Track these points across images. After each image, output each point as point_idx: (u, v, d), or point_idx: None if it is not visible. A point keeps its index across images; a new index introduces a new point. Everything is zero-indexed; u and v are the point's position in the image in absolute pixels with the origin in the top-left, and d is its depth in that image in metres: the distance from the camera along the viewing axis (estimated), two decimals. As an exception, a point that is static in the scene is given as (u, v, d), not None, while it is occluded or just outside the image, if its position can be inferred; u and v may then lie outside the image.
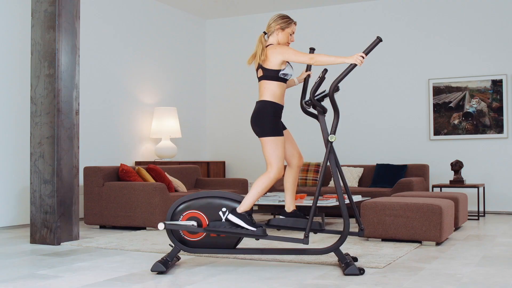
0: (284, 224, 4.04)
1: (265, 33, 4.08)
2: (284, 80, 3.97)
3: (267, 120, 3.90)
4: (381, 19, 8.36)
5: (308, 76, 4.22)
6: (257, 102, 3.99)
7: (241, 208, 3.86)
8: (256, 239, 3.89)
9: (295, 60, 3.87)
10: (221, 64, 9.44)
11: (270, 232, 5.66)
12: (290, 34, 4.06)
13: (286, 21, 4.04)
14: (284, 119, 4.23)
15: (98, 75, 7.41)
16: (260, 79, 3.98)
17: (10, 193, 6.34)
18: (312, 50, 4.23)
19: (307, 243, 3.77)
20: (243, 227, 3.82)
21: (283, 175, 4.06)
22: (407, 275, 3.61)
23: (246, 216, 3.84)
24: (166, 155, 7.97)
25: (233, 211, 3.86)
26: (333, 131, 3.83)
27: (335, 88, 3.82)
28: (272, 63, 3.92)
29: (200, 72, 9.43)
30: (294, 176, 4.10)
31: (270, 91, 3.93)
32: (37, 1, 5.12)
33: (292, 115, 7.44)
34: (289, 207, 4.11)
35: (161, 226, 3.79)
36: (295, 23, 4.08)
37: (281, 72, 3.92)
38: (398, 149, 8.19)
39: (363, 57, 3.73)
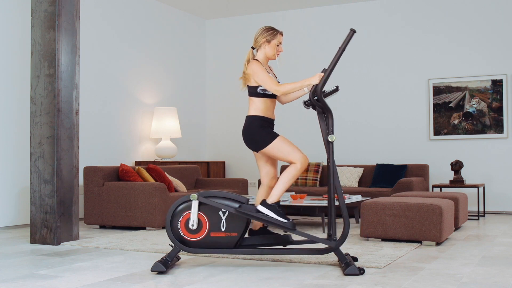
0: (252, 242, 4.05)
1: (253, 48, 4.12)
2: (265, 95, 3.99)
3: (256, 133, 3.96)
4: (381, 19, 8.36)
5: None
6: (245, 117, 4.09)
7: (271, 199, 3.89)
8: (284, 231, 3.90)
9: (262, 85, 3.93)
10: (221, 64, 9.43)
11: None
12: (277, 45, 4.09)
13: (271, 33, 4.06)
14: (284, 119, 4.24)
15: (98, 75, 7.42)
16: (248, 94, 4.08)
17: (10, 193, 6.34)
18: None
19: (332, 244, 3.77)
20: (272, 217, 3.83)
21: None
22: (407, 275, 3.61)
23: (276, 207, 3.87)
24: (166, 155, 7.97)
25: (262, 202, 3.88)
26: (331, 131, 3.84)
27: (321, 91, 3.85)
28: (250, 80, 3.98)
29: (200, 72, 9.43)
30: (265, 196, 4.14)
31: (254, 106, 4.03)
32: (37, 1, 5.12)
33: (292, 116, 7.45)
34: (256, 225, 4.16)
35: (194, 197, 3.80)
36: (281, 34, 4.11)
37: (259, 89, 4.00)
38: (398, 149, 8.19)
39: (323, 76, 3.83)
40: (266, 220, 3.82)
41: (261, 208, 3.86)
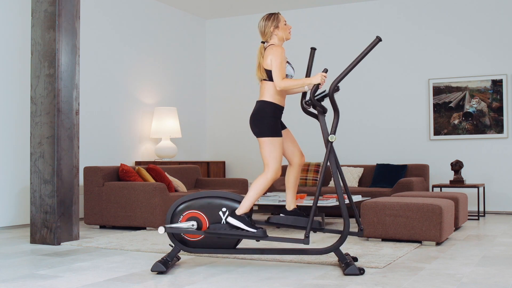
0: (283, 222, 4.04)
1: (263, 42, 4.10)
2: None
3: (265, 120, 3.90)
4: (381, 19, 8.36)
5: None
6: (257, 102, 4.00)
7: (240, 210, 3.85)
8: (256, 240, 3.88)
9: (272, 70, 3.89)
10: (221, 64, 9.44)
11: (270, 231, 5.66)
12: (285, 24, 4.08)
13: (273, 18, 4.06)
14: (285, 119, 4.23)
15: (98, 75, 7.41)
16: (261, 79, 3.99)
17: (10, 193, 6.34)
18: (313, 50, 4.23)
19: (307, 243, 3.77)
20: (243, 229, 3.81)
21: (281, 175, 4.04)
22: (407, 275, 3.61)
23: (246, 218, 3.83)
24: (166, 155, 7.97)
25: (232, 213, 3.85)
26: (333, 131, 3.83)
27: (335, 88, 3.82)
28: (269, 63, 3.93)
29: (200, 72, 9.43)
30: (295, 175, 4.10)
31: (270, 91, 3.94)
32: (37, 1, 5.12)
33: (292, 115, 7.44)
34: (290, 206, 4.10)
35: (161, 230, 3.77)
36: (279, 13, 4.11)
37: None
38: (398, 149, 8.19)
39: (325, 76, 3.81)
40: (236, 235, 3.80)
41: (231, 220, 3.83)
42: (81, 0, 6.14)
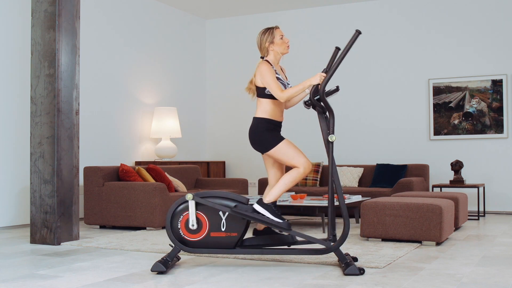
0: (257, 242, 4.04)
1: (262, 57, 4.11)
2: (273, 96, 3.98)
3: (262, 136, 3.96)
4: (381, 19, 8.36)
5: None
6: (252, 119, 4.06)
7: (268, 198, 3.88)
8: (279, 231, 3.89)
9: (268, 87, 3.92)
10: (221, 64, 9.43)
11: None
12: (281, 38, 4.07)
13: (269, 32, 4.06)
14: (285, 118, 4.23)
15: (98, 75, 7.41)
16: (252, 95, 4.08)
17: (10, 193, 6.34)
18: (337, 49, 4.17)
19: (328, 245, 3.76)
20: (268, 217, 3.82)
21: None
22: (407, 275, 3.61)
23: (272, 207, 3.87)
24: (166, 155, 7.97)
25: (259, 201, 3.87)
26: (332, 131, 3.84)
27: (323, 90, 3.83)
28: (258, 81, 3.96)
29: (200, 72, 9.43)
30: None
31: (262, 108, 4.01)
32: (37, 1, 5.12)
33: (292, 116, 7.44)
34: (260, 226, 4.15)
35: (189, 196, 3.79)
36: (277, 27, 4.09)
37: (266, 90, 3.97)
38: (398, 149, 8.19)
39: (324, 76, 3.84)
40: (261, 220, 3.82)
41: (257, 207, 3.85)
42: (81, 0, 6.14)
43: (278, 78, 3.98)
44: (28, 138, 6.31)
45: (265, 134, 3.95)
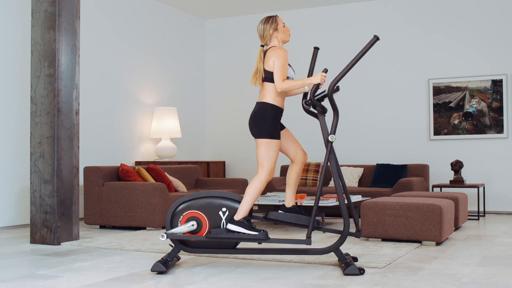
0: (282, 219, 4.03)
1: (262, 46, 4.09)
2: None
3: (266, 122, 3.90)
4: (381, 19, 8.36)
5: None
6: (257, 103, 3.99)
7: (239, 215, 3.85)
8: (258, 243, 3.88)
9: (274, 71, 3.90)
10: (221, 64, 9.44)
11: (270, 231, 5.66)
12: (283, 26, 4.08)
13: (272, 20, 4.06)
14: (285, 118, 4.23)
15: (98, 75, 7.42)
16: (262, 80, 3.98)
17: (10, 193, 6.34)
18: (316, 49, 4.23)
19: (309, 243, 3.76)
20: (244, 233, 3.81)
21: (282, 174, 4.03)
22: (407, 275, 3.61)
23: (245, 222, 3.83)
24: (166, 155, 7.97)
25: (231, 220, 3.85)
26: (333, 131, 3.83)
27: (334, 88, 3.83)
28: (270, 65, 3.93)
29: (200, 72, 9.44)
30: (297, 172, 4.10)
31: (271, 93, 3.94)
32: (37, 1, 5.12)
33: (292, 115, 7.44)
34: (289, 203, 4.10)
35: (162, 237, 3.74)
36: (277, 16, 4.11)
37: None
38: (398, 149, 8.19)
39: (325, 76, 3.83)
40: (239, 238, 3.80)
41: (231, 227, 3.82)
42: (81, 0, 6.14)
43: (289, 65, 4.00)
44: (28, 138, 6.31)
45: (270, 121, 3.90)
